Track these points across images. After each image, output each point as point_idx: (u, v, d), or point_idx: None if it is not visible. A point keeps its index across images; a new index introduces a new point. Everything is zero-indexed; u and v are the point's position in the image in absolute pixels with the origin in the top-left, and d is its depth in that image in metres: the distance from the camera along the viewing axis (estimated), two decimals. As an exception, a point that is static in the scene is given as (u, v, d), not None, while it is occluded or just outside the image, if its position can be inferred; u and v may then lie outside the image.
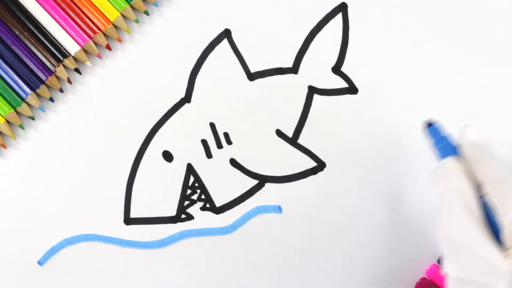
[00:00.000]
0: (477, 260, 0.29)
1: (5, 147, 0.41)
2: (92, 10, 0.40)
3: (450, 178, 0.32)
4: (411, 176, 0.42)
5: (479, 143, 0.33)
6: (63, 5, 0.40)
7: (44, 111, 0.41)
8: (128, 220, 0.42)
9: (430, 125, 0.37)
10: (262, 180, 0.42)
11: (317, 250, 0.42)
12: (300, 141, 0.42)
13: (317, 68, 0.42)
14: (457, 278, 0.30)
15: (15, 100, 0.40)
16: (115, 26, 0.41)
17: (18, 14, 0.40)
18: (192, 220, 0.42)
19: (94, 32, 0.40)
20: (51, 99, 0.41)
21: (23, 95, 0.40)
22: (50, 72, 0.40)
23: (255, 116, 0.42)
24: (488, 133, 0.41)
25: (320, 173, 0.42)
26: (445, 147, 0.34)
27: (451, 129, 0.41)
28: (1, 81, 0.40)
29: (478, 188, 0.31)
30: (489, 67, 0.41)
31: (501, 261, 0.28)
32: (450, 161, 0.32)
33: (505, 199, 0.29)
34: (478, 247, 0.29)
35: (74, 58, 0.41)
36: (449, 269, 0.30)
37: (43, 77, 0.40)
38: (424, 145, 0.42)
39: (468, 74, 0.42)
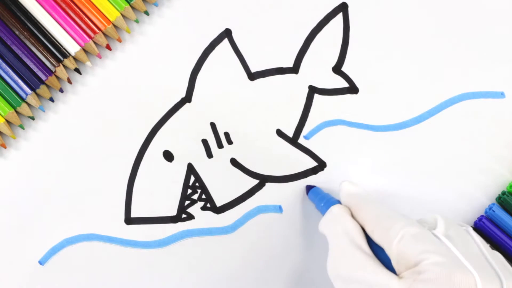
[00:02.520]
0: None
1: (5, 147, 0.41)
2: (92, 10, 0.40)
3: (336, 220, 0.34)
4: (411, 175, 0.42)
5: (356, 193, 0.36)
6: (63, 5, 0.40)
7: (44, 111, 0.41)
8: (129, 220, 0.42)
9: (310, 188, 0.41)
10: (263, 179, 0.42)
11: (317, 250, 0.42)
12: (301, 140, 0.42)
13: (318, 68, 0.42)
14: None
15: (15, 100, 0.40)
16: (115, 26, 0.41)
17: (18, 14, 0.40)
18: (193, 220, 0.42)
19: (94, 32, 0.40)
20: (51, 99, 0.41)
21: (23, 95, 0.40)
22: (50, 72, 0.40)
23: (255, 116, 0.42)
24: (488, 133, 0.41)
25: (320, 173, 0.42)
26: (329, 202, 0.37)
27: (452, 132, 0.42)
28: (1, 81, 0.40)
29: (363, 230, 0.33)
30: (490, 67, 0.41)
31: (397, 283, 0.29)
32: (335, 207, 0.35)
33: (387, 231, 0.31)
34: (372, 276, 0.30)
35: (74, 58, 0.40)
36: None
37: (43, 77, 0.40)
38: (424, 144, 0.42)
39: (468, 74, 0.42)
